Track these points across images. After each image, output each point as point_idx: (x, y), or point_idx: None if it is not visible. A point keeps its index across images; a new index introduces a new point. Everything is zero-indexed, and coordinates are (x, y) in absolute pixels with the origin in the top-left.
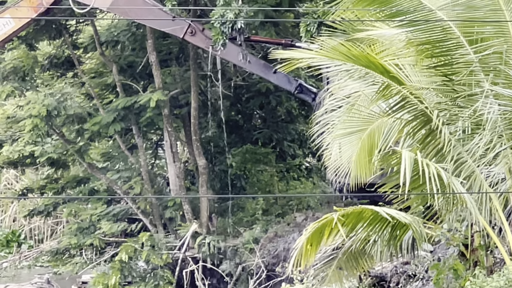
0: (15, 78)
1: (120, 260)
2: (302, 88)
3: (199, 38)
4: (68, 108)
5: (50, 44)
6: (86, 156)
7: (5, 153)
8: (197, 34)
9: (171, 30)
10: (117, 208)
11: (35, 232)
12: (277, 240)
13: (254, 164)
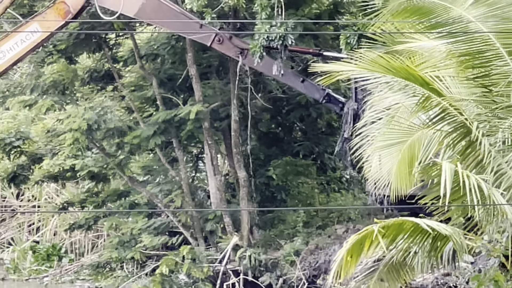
0: (55, 92)
1: (161, 273)
2: (330, 97)
3: (226, 46)
4: (108, 121)
5: (90, 58)
6: (127, 170)
7: (46, 167)
8: (224, 42)
9: (198, 38)
10: (158, 221)
11: (76, 246)
12: (318, 252)
13: (294, 176)
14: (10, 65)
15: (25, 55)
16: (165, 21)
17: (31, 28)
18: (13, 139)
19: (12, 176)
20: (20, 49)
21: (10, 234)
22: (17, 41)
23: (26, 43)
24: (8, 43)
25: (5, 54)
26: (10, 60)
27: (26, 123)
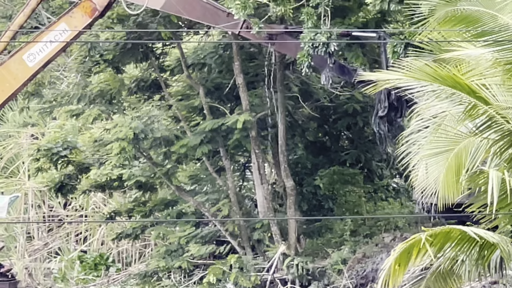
0: (102, 102)
1: (208, 282)
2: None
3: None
4: (155, 131)
5: (136, 67)
6: (174, 179)
7: (93, 176)
8: (252, 29)
9: (226, 27)
10: (205, 230)
11: (123, 255)
12: (365, 260)
13: (342, 185)
14: (41, 67)
15: (55, 56)
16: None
17: (59, 28)
18: (60, 148)
19: (59, 186)
20: (49, 50)
21: (57, 243)
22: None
23: (55, 44)
24: (38, 45)
25: (35, 56)
26: (40, 62)
27: (73, 132)
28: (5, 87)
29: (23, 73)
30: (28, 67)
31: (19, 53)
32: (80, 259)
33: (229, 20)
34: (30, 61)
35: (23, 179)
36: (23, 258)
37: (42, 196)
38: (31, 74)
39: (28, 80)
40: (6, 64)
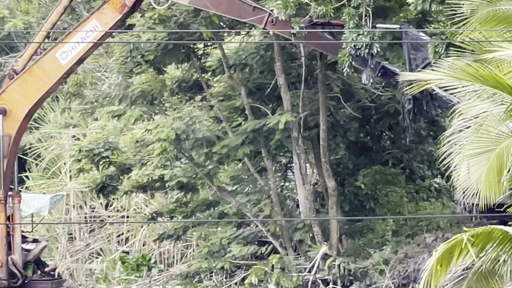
0: (144, 102)
1: (250, 283)
2: (385, 70)
3: (280, 27)
4: (197, 131)
5: (178, 68)
6: (215, 179)
7: (134, 177)
8: (277, 23)
9: (252, 21)
10: (247, 231)
11: (165, 256)
12: (407, 261)
13: (383, 185)
14: (74, 64)
15: (87, 53)
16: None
17: (90, 24)
18: (102, 149)
19: (101, 187)
20: (81, 48)
21: (99, 244)
22: (77, 40)
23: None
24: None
25: (67, 54)
26: (73, 59)
27: (115, 133)
28: (39, 85)
29: (56, 71)
30: (61, 65)
31: (52, 51)
32: (122, 259)
33: (254, 14)
34: (63, 59)
35: (65, 180)
36: (64, 259)
37: (84, 197)
38: (64, 72)
39: (61, 78)
40: (40, 63)
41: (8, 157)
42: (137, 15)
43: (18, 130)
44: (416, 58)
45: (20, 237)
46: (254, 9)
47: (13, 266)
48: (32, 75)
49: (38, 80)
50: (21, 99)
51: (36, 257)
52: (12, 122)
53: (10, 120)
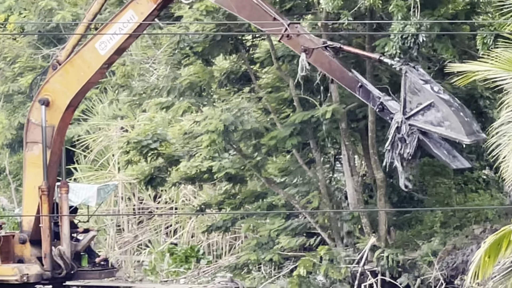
0: (192, 94)
1: (298, 274)
2: (383, 107)
3: (293, 42)
4: (245, 123)
5: (226, 59)
6: (264, 171)
7: (183, 169)
8: (292, 38)
9: (270, 31)
10: (295, 222)
11: (213, 247)
12: (455, 252)
13: (432, 176)
14: (113, 55)
15: (125, 42)
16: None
17: (127, 15)
18: (150, 141)
19: (149, 179)
20: (119, 38)
21: (147, 236)
22: (115, 30)
23: (124, 31)
24: (108, 33)
25: (106, 44)
26: (111, 49)
27: (163, 125)
28: (80, 76)
29: (96, 62)
30: (100, 55)
31: (91, 42)
32: (170, 251)
33: (273, 25)
34: (102, 49)
35: (113, 171)
36: (113, 251)
37: (132, 189)
38: (104, 62)
39: (101, 68)
40: (80, 53)
41: (52, 148)
42: (185, 6)
43: (61, 121)
44: (411, 101)
45: (68, 227)
46: (274, 19)
47: (58, 257)
48: (73, 66)
49: (79, 71)
50: (63, 89)
51: (86, 247)
52: (55, 113)
53: (53, 111)
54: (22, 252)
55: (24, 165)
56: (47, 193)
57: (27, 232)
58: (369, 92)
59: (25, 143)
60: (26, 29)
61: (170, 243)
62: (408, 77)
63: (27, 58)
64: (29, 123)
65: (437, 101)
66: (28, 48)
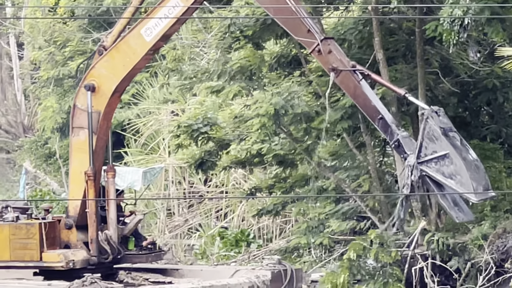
0: (242, 78)
1: (348, 258)
2: (399, 144)
3: (323, 59)
4: (296, 106)
5: (277, 44)
6: (314, 155)
7: (233, 152)
8: (322, 54)
9: (301, 41)
10: (345, 206)
11: (263, 231)
12: (505, 236)
13: (482, 160)
14: (159, 41)
15: (171, 29)
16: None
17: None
18: (201, 125)
19: (200, 162)
20: (165, 24)
21: (198, 220)
22: (161, 15)
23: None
24: (153, 19)
25: (151, 30)
26: (156, 36)
27: (214, 109)
28: (126, 61)
29: (141, 48)
30: (145, 41)
31: (137, 27)
32: (220, 235)
33: (307, 36)
34: (147, 36)
35: (164, 155)
36: (163, 234)
37: (183, 173)
38: (149, 48)
39: (147, 54)
40: (126, 39)
41: (98, 133)
42: None
43: (107, 106)
44: (427, 147)
45: (114, 211)
46: (308, 31)
47: (105, 241)
48: (119, 52)
49: (124, 57)
50: (109, 75)
51: (132, 231)
52: (101, 99)
53: (99, 96)
54: (68, 237)
55: (70, 150)
56: (93, 178)
57: (73, 217)
58: (388, 126)
59: (71, 128)
60: (76, 13)
61: (220, 227)
62: (428, 123)
63: (77, 42)
64: (75, 109)
65: (452, 153)
66: (79, 32)
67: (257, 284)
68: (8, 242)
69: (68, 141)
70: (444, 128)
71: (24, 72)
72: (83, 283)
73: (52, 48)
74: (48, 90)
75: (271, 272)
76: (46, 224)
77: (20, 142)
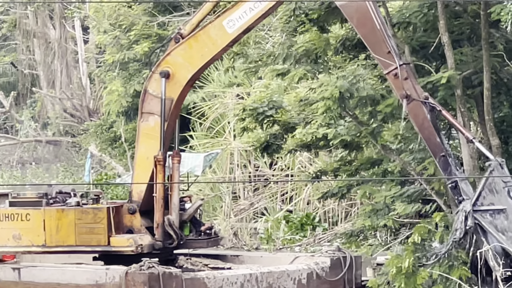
0: (308, 61)
1: (413, 242)
2: (456, 185)
3: (397, 84)
4: (361, 90)
5: (342, 27)
6: (379, 138)
7: (298, 135)
8: (398, 79)
9: (380, 61)
10: (411, 189)
11: (329, 214)
12: None
13: None
14: (240, 34)
15: (254, 23)
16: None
17: None
18: (266, 108)
19: (265, 146)
20: (248, 18)
21: (263, 203)
22: (245, 9)
23: (254, 12)
24: (238, 11)
25: (234, 23)
26: (239, 28)
27: (279, 92)
28: (204, 51)
29: (222, 39)
30: (227, 33)
31: (219, 18)
32: (286, 219)
33: (386, 57)
34: (230, 28)
35: (229, 139)
36: (229, 218)
37: (248, 156)
38: (230, 41)
39: (227, 46)
40: (206, 29)
41: (168, 120)
42: None
43: (180, 95)
44: (485, 197)
45: (178, 197)
46: (388, 52)
47: (169, 226)
48: (197, 41)
49: (203, 47)
50: (185, 64)
51: (191, 216)
52: (175, 86)
53: (173, 84)
54: (132, 222)
55: (137, 135)
56: (163, 163)
57: (137, 202)
58: (448, 165)
59: (140, 113)
60: None
61: (285, 211)
62: (492, 175)
63: (142, 26)
64: (146, 94)
65: (509, 209)
66: (144, 15)
67: (316, 270)
68: (74, 227)
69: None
70: (506, 183)
71: (89, 56)
72: (141, 267)
73: (117, 32)
74: (113, 74)
75: (330, 259)
76: (113, 209)
77: (86, 126)
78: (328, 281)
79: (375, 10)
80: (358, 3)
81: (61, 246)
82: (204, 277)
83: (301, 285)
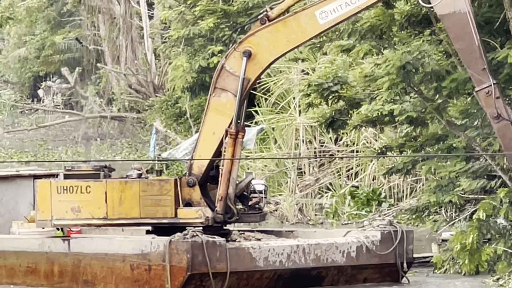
0: (373, 37)
1: (478, 218)
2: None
3: (488, 102)
4: (426, 65)
5: (407, 3)
6: (445, 114)
7: (364, 111)
8: (489, 97)
9: (474, 77)
10: (476, 165)
11: (394, 190)
12: None
13: None
14: (331, 27)
15: (347, 17)
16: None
17: None
18: (331, 84)
19: (330, 121)
20: (343, 12)
21: (328, 179)
22: (341, 3)
23: (350, 7)
24: (333, 4)
25: (327, 14)
26: (331, 21)
27: (344, 67)
28: (291, 38)
29: (312, 29)
30: (318, 24)
31: (312, 7)
32: (351, 194)
33: (480, 73)
34: (322, 19)
35: (294, 114)
36: (294, 194)
37: (313, 132)
38: (319, 31)
39: (314, 36)
40: (297, 16)
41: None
42: None
43: (257, 76)
44: None
45: (237, 172)
46: (483, 69)
47: (230, 201)
48: (286, 26)
49: (291, 33)
50: (269, 47)
51: (242, 191)
52: (255, 67)
53: (253, 64)
54: (191, 195)
55: (206, 108)
56: (234, 137)
57: (197, 176)
58: None
59: (213, 87)
60: None
61: (351, 186)
62: None
63: (208, 2)
64: (223, 69)
65: None
66: None
67: (365, 244)
68: (138, 199)
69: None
70: None
71: (154, 31)
72: (185, 236)
73: (182, 8)
74: (178, 49)
75: (380, 232)
76: (176, 182)
77: (151, 102)
78: (378, 254)
79: (474, 24)
80: (458, 16)
81: (124, 219)
82: (249, 247)
83: (350, 258)
